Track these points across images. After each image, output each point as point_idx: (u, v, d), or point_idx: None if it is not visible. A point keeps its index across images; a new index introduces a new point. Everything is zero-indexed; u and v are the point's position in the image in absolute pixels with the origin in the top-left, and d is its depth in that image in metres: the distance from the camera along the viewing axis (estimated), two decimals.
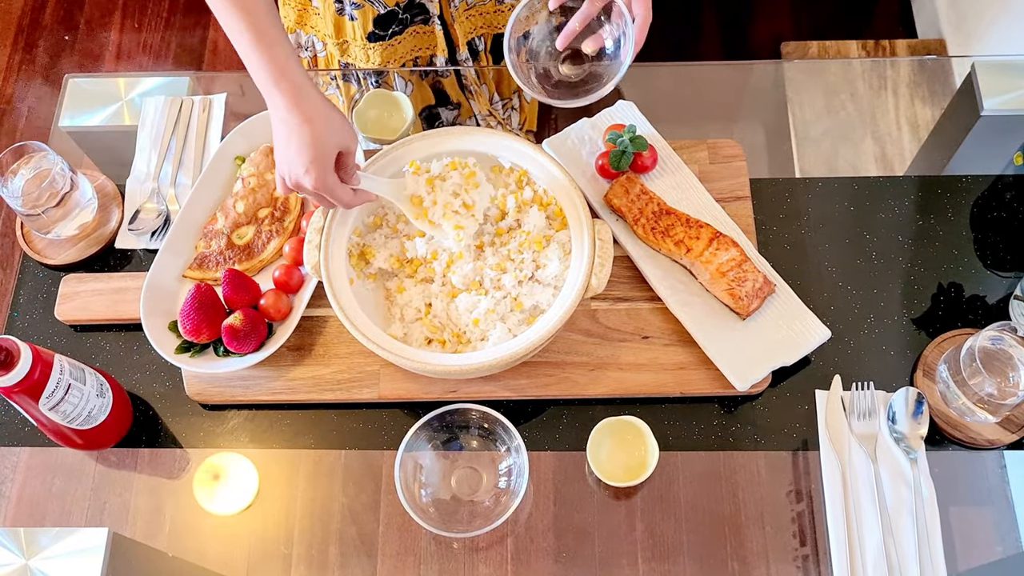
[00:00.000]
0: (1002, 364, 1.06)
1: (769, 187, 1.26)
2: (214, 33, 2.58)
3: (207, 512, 1.11)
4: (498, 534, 1.08)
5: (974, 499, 1.08)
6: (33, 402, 1.00)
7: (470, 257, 1.12)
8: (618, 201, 1.18)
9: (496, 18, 1.41)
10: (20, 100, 2.49)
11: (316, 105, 0.98)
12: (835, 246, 1.22)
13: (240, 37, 0.98)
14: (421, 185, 1.10)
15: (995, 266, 1.20)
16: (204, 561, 1.09)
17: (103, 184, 1.30)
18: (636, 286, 1.18)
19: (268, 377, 1.15)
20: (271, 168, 1.23)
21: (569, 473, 1.11)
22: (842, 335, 1.15)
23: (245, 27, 0.97)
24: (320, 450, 1.13)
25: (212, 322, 1.11)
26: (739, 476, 1.10)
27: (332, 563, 1.08)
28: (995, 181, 1.26)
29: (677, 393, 1.12)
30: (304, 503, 1.11)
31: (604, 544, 1.07)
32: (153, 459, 1.14)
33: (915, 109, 1.34)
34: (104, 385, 1.09)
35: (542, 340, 1.04)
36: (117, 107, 1.36)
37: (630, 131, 1.18)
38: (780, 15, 2.51)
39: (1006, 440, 1.09)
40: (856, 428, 1.09)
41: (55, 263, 1.25)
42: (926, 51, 2.19)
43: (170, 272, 1.18)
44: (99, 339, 1.21)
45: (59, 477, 1.13)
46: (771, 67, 1.42)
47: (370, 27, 1.36)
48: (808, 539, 1.06)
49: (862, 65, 1.39)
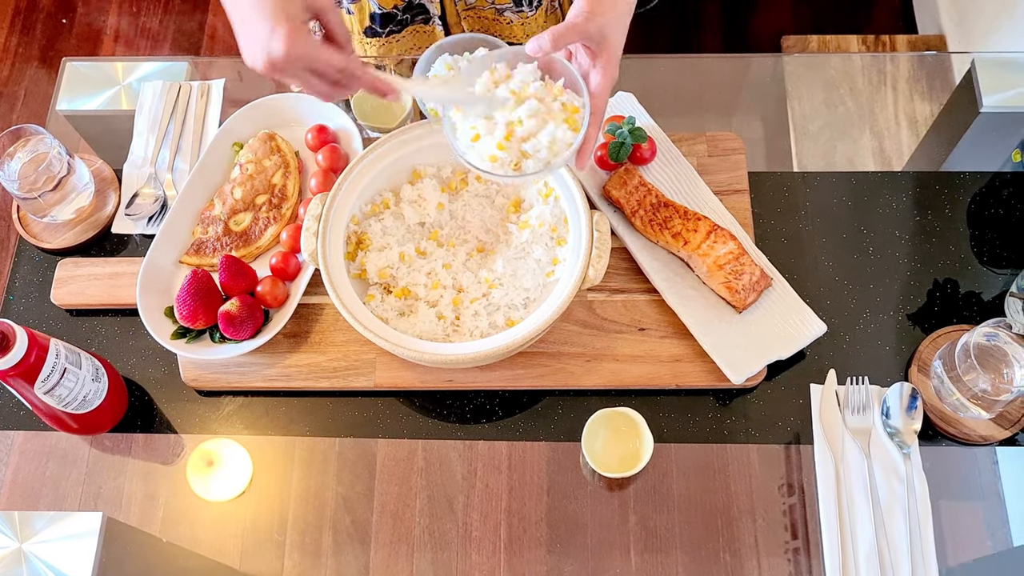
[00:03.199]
0: (997, 360, 1.06)
1: (767, 181, 1.26)
2: (213, 18, 2.57)
3: (201, 498, 1.11)
4: (491, 523, 1.08)
5: (966, 494, 1.08)
6: (28, 386, 1.00)
7: (470, 264, 1.13)
8: (616, 192, 1.18)
9: (495, 26, 1.41)
10: (17, 83, 2.48)
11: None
12: (832, 241, 1.22)
13: None
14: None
15: (991, 263, 1.20)
16: (198, 547, 1.09)
17: (100, 168, 1.29)
18: (633, 278, 1.18)
19: (264, 364, 1.15)
20: (269, 154, 1.23)
21: (563, 464, 1.11)
22: (837, 329, 1.16)
23: None
24: (315, 438, 1.14)
25: (208, 308, 1.11)
26: (732, 469, 1.10)
27: (326, 550, 1.08)
28: (993, 178, 1.26)
29: (672, 385, 1.13)
30: (298, 490, 1.11)
31: (597, 535, 1.07)
32: (148, 444, 1.14)
33: (914, 105, 1.34)
34: (100, 370, 1.09)
35: (539, 331, 1.04)
36: (115, 91, 1.36)
37: (629, 123, 1.18)
38: (781, 9, 2.51)
39: (999, 436, 1.09)
40: (850, 422, 1.10)
41: (51, 247, 1.24)
42: (926, 47, 2.19)
43: (167, 258, 1.18)
44: (95, 324, 1.21)
45: (53, 461, 1.13)
46: (771, 61, 1.42)
47: (367, 23, 1.35)
48: (800, 532, 1.07)
49: (862, 60, 1.39)
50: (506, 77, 0.98)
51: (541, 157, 0.96)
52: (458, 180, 1.18)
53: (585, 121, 0.95)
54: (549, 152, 0.95)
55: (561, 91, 0.98)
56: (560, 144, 0.96)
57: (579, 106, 0.97)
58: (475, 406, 1.14)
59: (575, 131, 0.96)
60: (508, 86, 0.97)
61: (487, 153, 0.96)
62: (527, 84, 0.97)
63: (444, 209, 1.16)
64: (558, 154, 0.96)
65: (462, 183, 1.17)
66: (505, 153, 0.95)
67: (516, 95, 0.97)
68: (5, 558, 1.06)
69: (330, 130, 1.24)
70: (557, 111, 0.97)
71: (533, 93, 0.96)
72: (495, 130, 0.96)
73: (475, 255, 1.15)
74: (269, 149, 1.23)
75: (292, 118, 1.27)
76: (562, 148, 0.96)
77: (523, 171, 0.96)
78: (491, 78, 0.98)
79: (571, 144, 0.95)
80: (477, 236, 1.16)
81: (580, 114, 0.96)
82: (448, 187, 1.18)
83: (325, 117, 1.25)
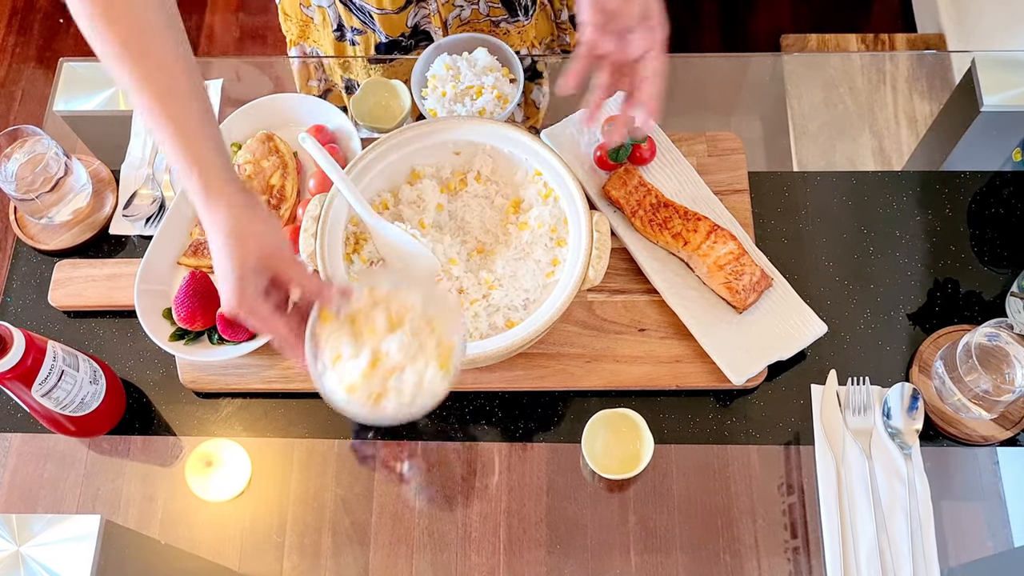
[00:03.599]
0: (998, 361, 1.06)
1: (767, 180, 1.26)
2: (210, 18, 2.56)
3: (200, 500, 1.11)
4: (491, 524, 1.08)
5: (967, 495, 1.08)
6: (26, 388, 1.00)
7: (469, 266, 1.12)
8: (616, 193, 1.17)
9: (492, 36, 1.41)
10: (14, 83, 2.47)
11: (229, 204, 0.84)
12: (832, 241, 1.22)
13: (162, 131, 0.84)
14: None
15: (992, 263, 1.20)
16: (196, 549, 1.09)
17: (98, 169, 1.29)
18: (633, 278, 1.17)
19: (262, 366, 1.14)
20: (267, 155, 1.22)
21: (562, 465, 1.11)
22: (838, 330, 1.15)
23: (167, 123, 0.83)
24: (314, 439, 1.13)
25: (207, 310, 1.10)
26: (733, 469, 1.10)
27: (325, 552, 1.08)
28: (993, 177, 1.26)
29: (672, 386, 1.12)
30: (297, 492, 1.11)
31: (597, 536, 1.07)
32: (146, 447, 1.14)
33: (914, 104, 1.34)
34: (97, 372, 1.08)
35: (538, 332, 1.04)
36: (112, 92, 1.35)
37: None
38: (780, 8, 2.51)
39: (1000, 436, 1.09)
40: (851, 423, 1.09)
41: (48, 248, 1.24)
42: (925, 46, 2.18)
43: (165, 259, 1.18)
44: (93, 325, 1.20)
45: (51, 464, 1.13)
46: (770, 60, 1.42)
47: (372, 52, 1.36)
48: (800, 533, 1.07)
49: (861, 59, 1.39)
50: (387, 297, 0.89)
51: (403, 398, 0.86)
52: (457, 181, 1.17)
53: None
54: (413, 395, 0.86)
55: (442, 327, 0.88)
56: (426, 389, 0.86)
57: (455, 346, 0.88)
58: (475, 407, 1.14)
59: (446, 374, 0.87)
60: (388, 308, 0.88)
61: (345, 380, 0.86)
62: (405, 311, 0.88)
63: (443, 210, 1.15)
64: (420, 397, 0.86)
65: (461, 184, 1.17)
66: (366, 383, 0.85)
67: (391, 321, 0.88)
68: (3, 561, 1.06)
69: (328, 130, 1.24)
70: (431, 347, 0.87)
71: (408, 325, 0.87)
72: (360, 355, 0.86)
73: (475, 256, 1.15)
74: (267, 150, 1.22)
75: (290, 118, 1.26)
76: (429, 395, 0.86)
77: (381, 409, 0.86)
78: (369, 296, 0.89)
79: (436, 393, 0.86)
80: (477, 237, 1.16)
81: (454, 358, 0.87)
82: (447, 188, 1.17)
83: (323, 117, 1.25)
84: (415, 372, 0.86)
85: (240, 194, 0.86)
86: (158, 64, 0.82)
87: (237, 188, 0.86)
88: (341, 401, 0.86)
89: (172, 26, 0.86)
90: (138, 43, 0.83)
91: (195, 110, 0.85)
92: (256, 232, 0.85)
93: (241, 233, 0.84)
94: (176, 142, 0.83)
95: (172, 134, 0.83)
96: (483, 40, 1.26)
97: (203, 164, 0.84)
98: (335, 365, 0.86)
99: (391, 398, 0.86)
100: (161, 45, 0.84)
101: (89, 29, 0.84)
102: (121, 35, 0.82)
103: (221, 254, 0.84)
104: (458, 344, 0.88)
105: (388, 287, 0.89)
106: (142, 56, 0.82)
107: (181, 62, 0.85)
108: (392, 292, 0.89)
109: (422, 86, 1.26)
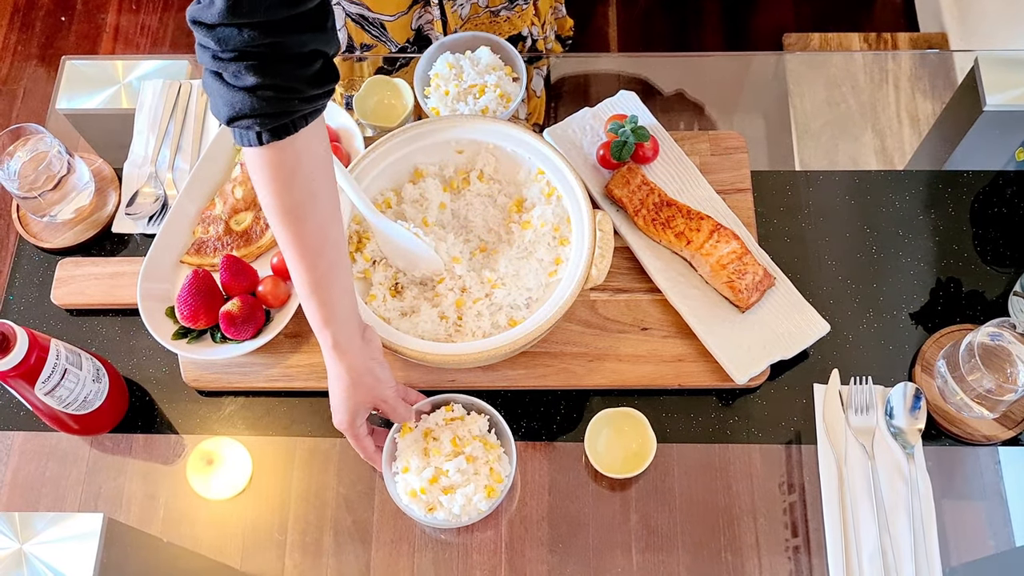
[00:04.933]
0: (1001, 360, 1.06)
1: (770, 179, 1.26)
2: None
3: (202, 498, 1.11)
4: (492, 523, 1.08)
5: (969, 494, 1.08)
6: (29, 387, 1.00)
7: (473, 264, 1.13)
8: (619, 192, 1.17)
9: (492, 28, 1.41)
10: (16, 82, 2.47)
11: (352, 360, 0.97)
12: (835, 240, 1.22)
13: (300, 279, 0.93)
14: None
15: (995, 262, 1.20)
16: (198, 547, 1.09)
17: (100, 167, 1.29)
18: (636, 277, 1.17)
19: (265, 364, 1.14)
20: None
21: (564, 463, 1.11)
22: (841, 329, 1.15)
23: (305, 271, 0.92)
24: (316, 438, 1.13)
25: (210, 308, 1.10)
26: (735, 468, 1.10)
27: (326, 550, 1.08)
28: (996, 176, 1.26)
29: (675, 385, 1.12)
30: (299, 490, 1.11)
31: (598, 534, 1.07)
32: (148, 445, 1.14)
33: (916, 103, 1.34)
34: (100, 370, 1.08)
35: (541, 330, 1.04)
36: (115, 90, 1.35)
37: (632, 121, 1.18)
38: (782, 6, 2.50)
39: (1003, 436, 1.09)
40: (853, 422, 1.09)
41: (51, 247, 1.24)
42: (928, 45, 2.18)
43: (167, 257, 1.18)
44: (95, 324, 1.20)
45: (54, 462, 1.13)
46: (772, 59, 1.42)
47: (380, 63, 1.38)
48: (802, 532, 1.07)
49: (863, 58, 1.39)
50: (459, 419, 1.05)
51: (451, 513, 1.01)
52: (460, 179, 1.17)
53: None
54: (461, 511, 1.01)
55: (497, 457, 1.04)
56: (472, 508, 1.01)
57: (504, 476, 1.03)
58: None
59: (491, 499, 1.01)
60: (454, 429, 1.04)
61: (410, 487, 1.02)
62: (470, 436, 1.04)
63: (446, 208, 1.15)
64: (465, 515, 1.01)
65: (464, 182, 1.17)
66: (425, 496, 1.01)
67: (455, 443, 1.03)
68: (5, 559, 1.06)
69: (331, 129, 1.23)
70: (483, 475, 1.02)
71: (470, 450, 1.02)
72: (424, 472, 1.01)
73: (477, 255, 1.15)
74: None
75: None
76: (474, 513, 1.01)
77: (433, 516, 1.01)
78: (443, 415, 1.05)
79: (480, 512, 1.01)
80: (479, 236, 1.16)
81: (503, 484, 1.02)
82: (450, 186, 1.17)
83: (326, 116, 1.24)
84: (464, 495, 1.00)
85: (362, 351, 0.98)
86: (318, 225, 0.91)
87: (361, 345, 0.98)
88: (403, 504, 1.02)
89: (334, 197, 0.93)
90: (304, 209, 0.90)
91: (340, 274, 0.95)
92: (369, 385, 0.99)
93: (359, 384, 0.98)
94: (314, 301, 0.94)
95: (312, 293, 0.93)
96: (486, 39, 1.26)
97: (337, 324, 0.95)
98: (404, 474, 1.03)
99: (442, 511, 1.01)
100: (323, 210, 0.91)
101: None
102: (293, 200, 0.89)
103: (340, 397, 0.99)
104: (506, 479, 1.03)
105: (459, 411, 1.06)
106: (303, 220, 0.90)
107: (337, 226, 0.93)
108: (459, 418, 1.05)
109: (425, 85, 1.26)
